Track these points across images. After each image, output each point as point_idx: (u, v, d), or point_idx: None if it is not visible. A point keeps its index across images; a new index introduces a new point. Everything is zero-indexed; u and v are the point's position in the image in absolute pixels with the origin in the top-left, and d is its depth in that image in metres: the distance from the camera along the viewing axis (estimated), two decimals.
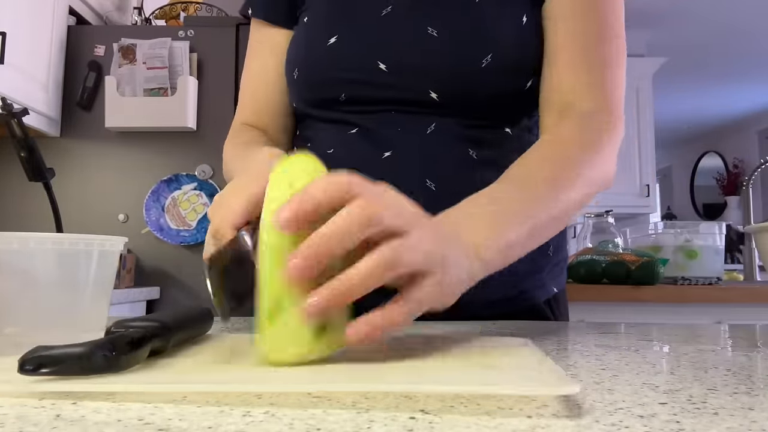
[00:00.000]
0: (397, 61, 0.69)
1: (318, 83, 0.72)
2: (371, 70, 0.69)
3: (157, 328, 0.40)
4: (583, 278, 1.80)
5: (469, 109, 0.69)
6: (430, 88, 0.68)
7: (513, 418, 0.28)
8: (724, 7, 4.02)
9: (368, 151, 0.70)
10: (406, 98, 0.69)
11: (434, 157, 0.69)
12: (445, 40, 0.68)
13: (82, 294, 0.50)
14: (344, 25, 0.72)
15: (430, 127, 0.69)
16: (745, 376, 0.39)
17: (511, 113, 0.72)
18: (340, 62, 0.70)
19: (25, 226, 2.08)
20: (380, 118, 0.70)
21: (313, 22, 0.74)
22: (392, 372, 0.35)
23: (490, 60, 0.67)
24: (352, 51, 0.70)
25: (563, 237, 0.80)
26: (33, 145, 1.26)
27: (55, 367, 0.33)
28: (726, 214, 6.46)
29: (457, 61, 0.68)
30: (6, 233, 0.47)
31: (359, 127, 0.71)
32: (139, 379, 0.34)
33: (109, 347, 0.35)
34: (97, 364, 0.34)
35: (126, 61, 2.07)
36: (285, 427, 0.26)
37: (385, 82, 0.69)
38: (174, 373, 0.36)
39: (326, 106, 0.73)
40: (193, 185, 2.12)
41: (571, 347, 0.51)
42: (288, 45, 0.78)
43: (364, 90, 0.70)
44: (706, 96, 5.78)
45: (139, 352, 0.37)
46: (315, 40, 0.72)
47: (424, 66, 0.68)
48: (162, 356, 0.41)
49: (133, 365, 0.37)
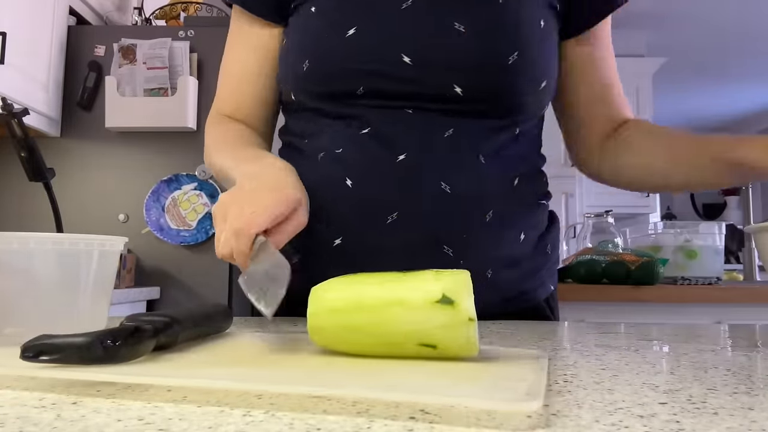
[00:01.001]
0: (423, 55, 0.68)
1: (334, 75, 0.69)
2: (395, 62, 0.68)
3: (165, 323, 0.40)
4: (583, 278, 1.80)
5: (490, 106, 0.70)
6: (455, 82, 0.68)
7: (513, 418, 0.28)
8: (724, 8, 4.02)
9: (381, 153, 0.68)
10: (428, 93, 0.68)
11: (450, 162, 0.68)
12: (472, 36, 0.68)
13: (82, 294, 0.50)
14: (362, 16, 0.69)
15: (448, 132, 0.69)
16: (744, 376, 0.39)
17: (526, 113, 0.73)
18: (361, 54, 0.68)
19: (25, 226, 2.08)
20: (397, 117, 0.69)
21: (324, 12, 0.72)
22: (377, 375, 0.35)
23: (516, 57, 0.68)
24: (374, 43, 0.68)
25: (557, 235, 0.81)
26: (33, 145, 1.26)
27: (55, 356, 0.34)
28: (726, 214, 6.46)
29: (484, 56, 0.68)
30: (6, 233, 0.47)
31: (371, 126, 0.69)
32: (136, 371, 0.34)
33: (110, 338, 0.35)
34: (96, 355, 0.35)
35: (126, 61, 2.07)
36: (285, 427, 0.26)
37: (409, 76, 0.68)
38: (172, 368, 0.36)
39: (339, 99, 0.70)
40: (193, 185, 2.12)
41: (571, 347, 0.51)
42: (271, 40, 0.77)
43: (384, 83, 0.68)
44: (706, 96, 5.77)
45: (142, 346, 0.37)
46: (329, 31, 0.70)
47: (449, 60, 0.68)
48: (169, 351, 0.41)
49: (135, 358, 0.37)
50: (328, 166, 0.70)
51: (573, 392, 0.34)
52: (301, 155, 0.74)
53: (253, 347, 0.45)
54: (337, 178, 0.69)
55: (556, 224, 0.82)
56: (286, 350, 0.44)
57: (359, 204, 0.68)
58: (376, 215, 0.68)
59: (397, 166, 0.67)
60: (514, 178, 0.72)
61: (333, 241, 0.70)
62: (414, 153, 0.68)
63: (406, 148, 0.68)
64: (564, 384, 0.36)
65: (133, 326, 0.37)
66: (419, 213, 0.67)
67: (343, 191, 0.69)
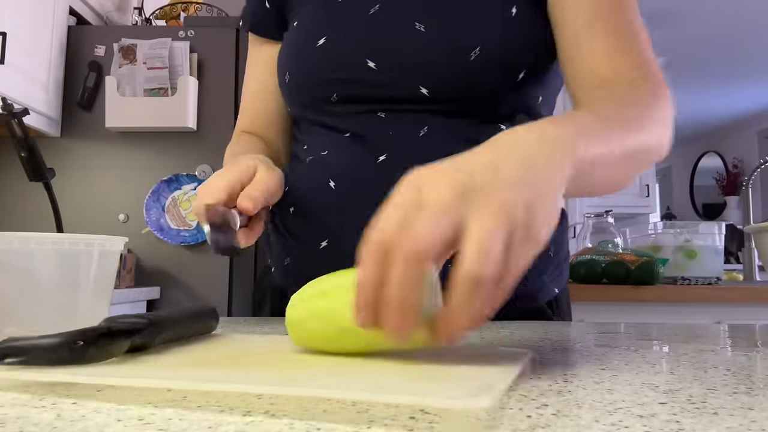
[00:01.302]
0: (386, 58, 0.69)
1: (310, 85, 0.73)
2: (361, 68, 0.69)
3: (141, 324, 0.40)
4: (583, 278, 1.80)
5: (460, 105, 0.69)
6: (420, 83, 0.68)
7: (513, 418, 0.28)
8: (724, 8, 4.02)
9: (363, 155, 0.70)
10: (396, 96, 0.69)
11: (429, 160, 0.67)
12: (432, 35, 0.67)
13: (83, 294, 0.50)
14: (333, 26, 0.72)
15: (423, 130, 0.69)
16: (744, 376, 0.39)
17: (504, 108, 0.70)
18: (330, 62, 0.71)
19: (25, 226, 2.08)
20: (371, 120, 0.70)
21: (302, 26, 0.75)
22: (330, 375, 0.35)
23: (478, 53, 0.66)
24: (341, 50, 0.71)
25: (563, 235, 0.79)
26: (33, 145, 1.26)
27: (22, 357, 0.34)
28: (726, 214, 6.46)
29: (445, 55, 0.67)
30: (7, 233, 0.47)
31: (351, 131, 0.71)
32: (103, 373, 0.34)
33: (77, 339, 0.35)
34: (63, 356, 0.35)
35: (126, 62, 2.07)
36: (285, 427, 0.26)
37: (375, 81, 0.69)
38: (139, 369, 0.36)
39: (318, 107, 0.73)
40: (193, 185, 2.12)
41: (571, 347, 0.51)
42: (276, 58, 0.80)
43: (354, 89, 0.70)
44: (706, 96, 5.77)
45: (113, 347, 0.37)
46: (305, 43, 0.73)
47: (412, 62, 0.68)
48: (145, 352, 0.41)
49: (105, 359, 0.37)
50: (315, 170, 0.73)
51: (573, 392, 0.34)
52: (298, 161, 0.77)
53: (231, 348, 0.45)
54: (322, 181, 0.71)
55: (561, 223, 0.77)
56: (265, 351, 0.44)
57: (342, 205, 0.70)
58: (359, 216, 0.68)
59: (378, 167, 0.68)
60: None
61: (320, 243, 0.71)
62: (392, 153, 0.68)
63: (384, 149, 0.69)
64: (564, 384, 0.36)
65: (104, 327, 0.37)
66: None
67: (326, 193, 0.70)
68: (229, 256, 0.61)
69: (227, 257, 2.10)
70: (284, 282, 0.77)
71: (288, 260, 0.76)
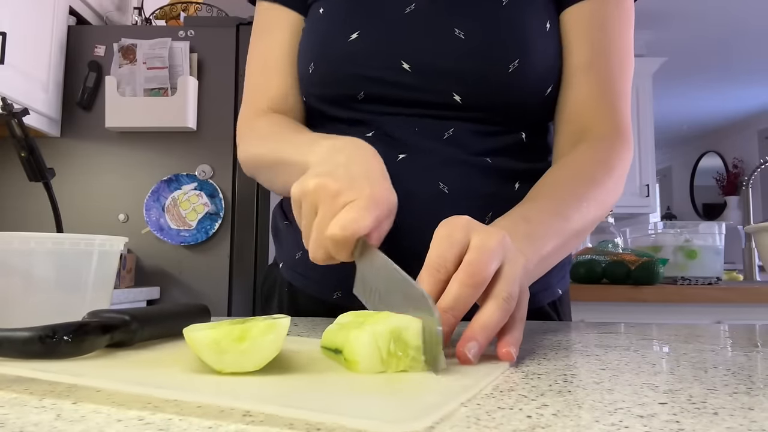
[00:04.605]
0: (422, 62, 0.67)
1: (336, 79, 0.70)
2: (394, 69, 0.67)
3: (120, 320, 0.39)
4: (583, 278, 1.80)
5: (490, 113, 0.69)
6: (454, 90, 0.67)
7: (513, 418, 0.28)
8: (724, 7, 4.03)
9: (382, 152, 0.68)
10: (427, 100, 0.68)
11: (449, 162, 0.67)
12: (472, 43, 0.66)
13: (83, 294, 0.50)
14: (366, 21, 0.69)
15: (448, 132, 0.68)
16: (744, 376, 0.39)
17: (529, 118, 0.71)
18: (362, 59, 0.68)
19: (25, 226, 2.08)
20: (397, 121, 0.69)
21: (330, 14, 0.72)
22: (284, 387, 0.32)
23: (517, 65, 0.66)
24: (374, 48, 0.68)
25: None
26: (33, 145, 1.26)
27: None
28: (726, 214, 6.46)
29: (484, 64, 0.66)
30: (7, 233, 0.47)
31: (375, 130, 0.69)
32: (72, 369, 0.33)
33: (49, 334, 0.35)
34: (34, 350, 0.34)
35: (126, 61, 2.07)
36: (285, 428, 0.26)
37: (408, 83, 0.67)
38: (107, 366, 0.35)
39: (341, 103, 0.71)
40: (193, 185, 2.12)
41: (571, 347, 0.51)
42: (298, 25, 0.75)
43: (384, 89, 0.68)
44: (706, 96, 5.78)
45: (87, 342, 0.37)
46: (334, 34, 0.70)
47: (449, 68, 0.67)
48: (125, 348, 0.40)
49: (80, 354, 0.36)
50: None
51: (573, 392, 0.34)
52: None
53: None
54: None
55: None
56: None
57: None
58: None
59: (397, 164, 0.67)
60: (516, 181, 0.72)
61: None
62: (412, 153, 0.67)
63: (406, 149, 0.68)
64: (564, 384, 0.36)
65: (79, 323, 0.37)
66: (416, 213, 0.67)
67: None
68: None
69: (226, 256, 2.10)
70: (292, 276, 0.77)
71: (300, 253, 0.75)
